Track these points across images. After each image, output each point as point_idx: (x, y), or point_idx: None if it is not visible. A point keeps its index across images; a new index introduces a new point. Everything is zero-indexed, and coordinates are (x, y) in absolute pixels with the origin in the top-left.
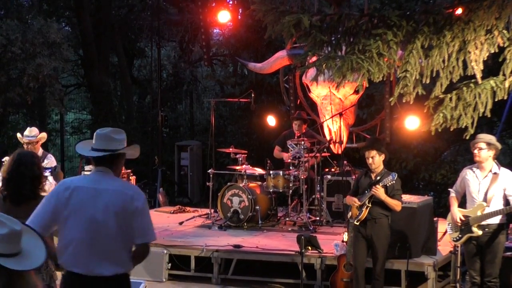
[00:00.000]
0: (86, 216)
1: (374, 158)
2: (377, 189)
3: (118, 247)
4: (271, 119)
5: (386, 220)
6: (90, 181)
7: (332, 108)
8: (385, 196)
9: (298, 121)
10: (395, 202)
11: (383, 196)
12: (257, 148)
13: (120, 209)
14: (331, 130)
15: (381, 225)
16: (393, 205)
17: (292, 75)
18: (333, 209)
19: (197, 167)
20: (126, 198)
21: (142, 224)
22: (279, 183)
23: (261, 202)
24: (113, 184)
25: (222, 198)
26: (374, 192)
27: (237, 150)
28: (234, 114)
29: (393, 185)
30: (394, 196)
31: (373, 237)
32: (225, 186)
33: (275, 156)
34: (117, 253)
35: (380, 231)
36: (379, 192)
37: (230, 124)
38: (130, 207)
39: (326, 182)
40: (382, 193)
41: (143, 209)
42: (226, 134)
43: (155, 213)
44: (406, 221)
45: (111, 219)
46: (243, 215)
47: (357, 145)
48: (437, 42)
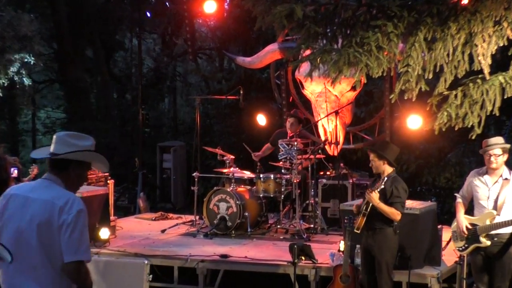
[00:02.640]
0: (13, 228)
1: (373, 161)
2: (369, 193)
3: (43, 265)
4: (261, 118)
5: (389, 230)
6: (28, 189)
7: (327, 106)
8: (377, 202)
9: (293, 119)
10: (391, 210)
11: (375, 202)
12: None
13: (44, 221)
14: (326, 130)
15: (383, 235)
16: (389, 213)
17: (284, 70)
18: (329, 216)
19: (181, 170)
20: (53, 210)
21: (70, 240)
22: (270, 187)
23: (251, 208)
24: (46, 193)
25: (208, 204)
26: (366, 197)
27: (224, 153)
28: (221, 113)
29: (393, 190)
30: (393, 204)
31: (374, 248)
32: (211, 191)
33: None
34: (41, 272)
35: (382, 242)
36: (370, 196)
37: (216, 123)
38: (57, 220)
39: (321, 186)
40: (375, 198)
41: (72, 222)
42: (212, 134)
43: (135, 220)
44: (408, 229)
45: (33, 232)
46: (230, 222)
47: (354, 146)
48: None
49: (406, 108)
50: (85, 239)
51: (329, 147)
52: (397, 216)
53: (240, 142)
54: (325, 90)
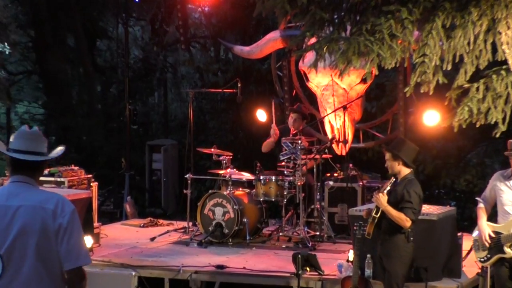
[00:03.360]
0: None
1: (388, 161)
2: (376, 195)
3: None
4: (261, 114)
5: (400, 238)
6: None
7: (334, 100)
8: (385, 205)
9: (296, 114)
10: (400, 215)
11: (382, 205)
12: (245, 149)
13: (38, 229)
14: (333, 127)
15: (393, 242)
16: (396, 218)
17: (287, 61)
18: (336, 222)
19: (172, 171)
20: (46, 215)
21: (70, 245)
22: (271, 190)
23: (250, 214)
24: (30, 198)
25: (202, 209)
26: (373, 199)
27: (221, 152)
28: (217, 108)
29: (404, 194)
30: (402, 209)
31: (383, 257)
32: (206, 195)
33: (263, 149)
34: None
35: (392, 250)
36: (377, 198)
37: (212, 120)
38: (52, 225)
39: (327, 189)
40: (383, 201)
41: (69, 225)
42: (207, 131)
43: (122, 227)
44: (424, 237)
45: (27, 243)
46: (227, 229)
47: (364, 144)
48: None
49: (422, 103)
50: (84, 242)
51: (336, 146)
52: (406, 223)
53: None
54: (332, 83)
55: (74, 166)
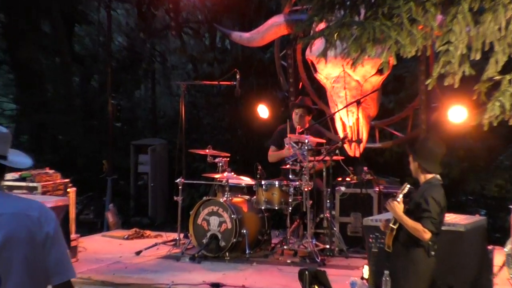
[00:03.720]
0: None
1: (410, 163)
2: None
3: None
4: (263, 109)
5: (418, 251)
6: None
7: (346, 94)
8: (399, 215)
9: (301, 110)
10: (416, 226)
11: (397, 215)
12: (244, 149)
13: (24, 238)
14: (345, 125)
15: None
16: (412, 228)
17: (292, 49)
18: (349, 234)
19: (161, 175)
20: (32, 223)
21: (58, 255)
22: (274, 197)
23: (250, 224)
24: (9, 205)
25: (195, 218)
26: (387, 206)
27: (217, 152)
28: (213, 103)
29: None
30: (420, 219)
31: (398, 273)
32: (200, 202)
33: (270, 159)
34: None
35: (409, 265)
36: (391, 206)
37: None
38: (39, 234)
39: (339, 196)
40: (397, 209)
41: (56, 235)
42: (201, 129)
43: (103, 239)
44: (449, 250)
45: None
46: (224, 242)
47: (381, 144)
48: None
49: (447, 97)
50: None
51: (349, 146)
52: (424, 235)
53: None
54: (343, 74)
55: (49, 169)
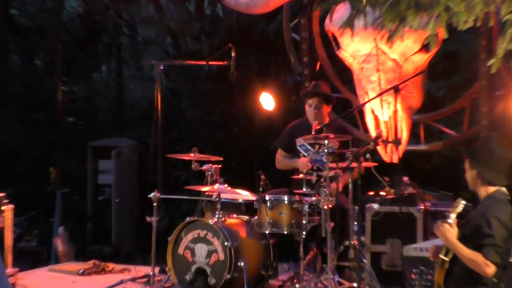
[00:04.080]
0: None
1: (467, 172)
2: (440, 226)
3: None
4: (267, 99)
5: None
6: None
7: (380, 78)
8: (453, 242)
9: (315, 99)
10: (475, 257)
11: (448, 242)
12: (241, 153)
13: None
14: (378, 119)
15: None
16: (470, 261)
17: (307, 18)
18: (384, 268)
19: (130, 188)
20: None
21: None
22: (283, 218)
23: (249, 254)
24: None
25: (175, 247)
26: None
27: (205, 157)
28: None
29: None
30: (481, 248)
31: None
32: (182, 225)
33: (278, 166)
34: None
35: None
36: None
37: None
38: None
39: (370, 216)
40: (449, 235)
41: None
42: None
43: (50, 275)
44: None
45: None
46: (215, 279)
47: (428, 147)
48: None
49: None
50: None
51: (384, 148)
52: (486, 268)
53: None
54: (376, 52)
55: None
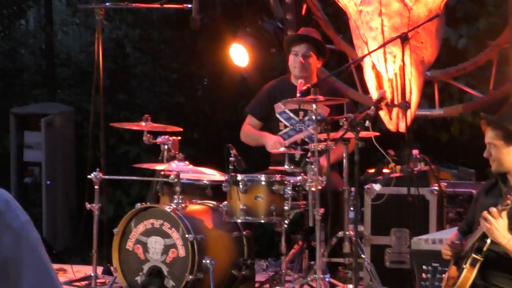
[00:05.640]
0: None
1: (492, 146)
2: (491, 219)
3: None
4: (239, 52)
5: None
6: None
7: (384, 24)
8: (507, 239)
9: (303, 46)
10: None
11: (502, 239)
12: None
13: None
14: (381, 77)
15: None
16: None
17: None
18: (387, 265)
19: (64, 166)
20: None
21: None
22: (259, 203)
23: (217, 250)
24: None
25: (123, 241)
26: (484, 225)
27: (160, 126)
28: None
29: None
30: None
31: None
32: (131, 213)
33: (243, 139)
34: None
35: None
36: (493, 227)
37: (142, 64)
38: None
39: (370, 200)
40: (502, 230)
41: None
42: (132, 87)
43: None
44: None
45: None
46: (173, 281)
47: (444, 112)
48: None
49: None
50: None
51: (388, 113)
52: None
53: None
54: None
55: None
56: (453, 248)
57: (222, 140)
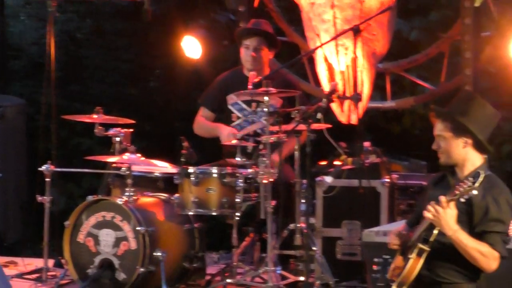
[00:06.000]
0: None
1: (441, 139)
2: (439, 208)
3: None
4: (192, 44)
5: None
6: None
7: (336, 15)
8: (454, 230)
9: (255, 39)
10: (483, 248)
11: (449, 230)
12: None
13: None
14: (333, 69)
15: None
16: (476, 254)
17: None
18: (339, 257)
19: (15, 158)
20: None
21: None
22: (211, 196)
23: (168, 242)
24: None
25: (74, 233)
26: (428, 216)
27: (112, 119)
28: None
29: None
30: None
31: None
32: (82, 205)
33: (196, 131)
34: None
35: None
36: (438, 215)
37: (94, 56)
38: None
39: (322, 192)
40: (449, 220)
41: None
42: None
43: None
44: None
45: None
46: (125, 273)
47: (396, 104)
48: None
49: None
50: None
51: (340, 106)
52: (492, 263)
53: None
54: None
55: None
56: (400, 238)
57: (174, 132)
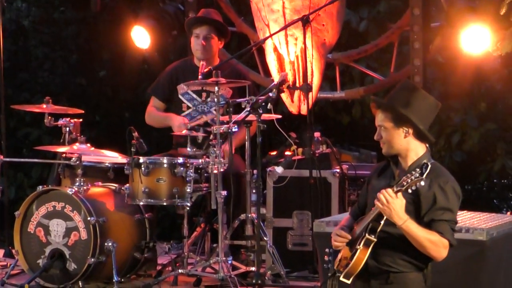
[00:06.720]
0: None
1: (383, 129)
2: (389, 198)
3: None
4: (141, 33)
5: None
6: None
7: (285, 5)
8: (404, 220)
9: (204, 28)
10: (433, 237)
11: (399, 219)
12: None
13: None
14: (283, 59)
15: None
16: (426, 243)
17: None
18: (290, 247)
19: None
20: None
21: None
22: (161, 186)
23: (119, 232)
24: None
25: (24, 224)
26: (378, 206)
27: (61, 109)
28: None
29: (437, 196)
30: (435, 225)
31: None
32: (32, 195)
33: (148, 121)
34: None
35: None
36: (390, 207)
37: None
38: None
39: (272, 182)
40: (399, 210)
41: None
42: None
43: None
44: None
45: None
46: (75, 263)
47: (345, 94)
48: None
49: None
50: None
51: (290, 96)
52: (442, 251)
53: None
54: None
55: None
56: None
57: (124, 122)
